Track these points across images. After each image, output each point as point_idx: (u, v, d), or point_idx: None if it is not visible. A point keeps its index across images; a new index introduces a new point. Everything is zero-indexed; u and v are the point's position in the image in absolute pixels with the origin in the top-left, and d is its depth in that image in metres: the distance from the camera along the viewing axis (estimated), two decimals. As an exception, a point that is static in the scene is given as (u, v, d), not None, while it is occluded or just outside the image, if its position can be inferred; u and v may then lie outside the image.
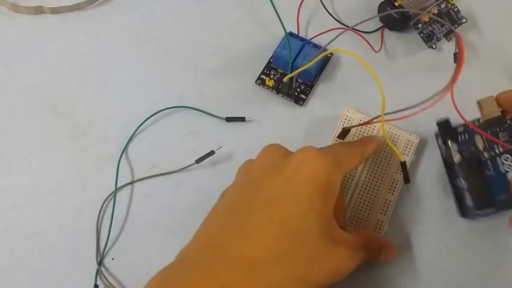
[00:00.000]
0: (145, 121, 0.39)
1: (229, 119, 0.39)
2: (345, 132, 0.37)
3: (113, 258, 0.36)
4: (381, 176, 0.36)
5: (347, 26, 0.43)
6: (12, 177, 0.38)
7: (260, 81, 0.41)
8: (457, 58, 0.40)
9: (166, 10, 0.44)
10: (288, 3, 0.43)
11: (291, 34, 0.41)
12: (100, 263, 0.35)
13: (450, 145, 0.36)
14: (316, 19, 0.44)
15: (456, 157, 0.36)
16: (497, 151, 0.35)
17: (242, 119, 0.39)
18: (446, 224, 0.36)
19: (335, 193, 0.29)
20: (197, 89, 0.41)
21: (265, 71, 0.41)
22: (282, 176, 0.29)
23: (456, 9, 0.41)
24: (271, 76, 0.41)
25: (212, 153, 0.37)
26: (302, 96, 0.40)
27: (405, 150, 0.37)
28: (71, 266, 0.35)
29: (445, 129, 0.37)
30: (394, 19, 0.42)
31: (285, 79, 0.38)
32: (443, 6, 0.40)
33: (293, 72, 0.37)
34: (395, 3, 0.41)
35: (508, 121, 0.35)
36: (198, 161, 0.37)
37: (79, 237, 0.36)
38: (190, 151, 0.38)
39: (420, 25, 0.41)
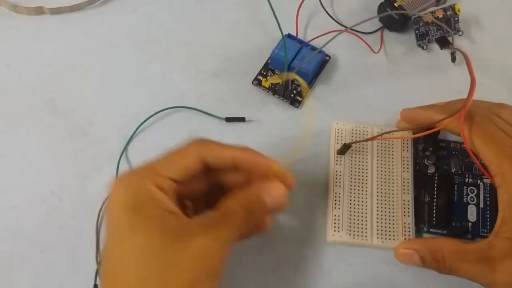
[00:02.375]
0: (145, 121, 0.39)
1: (229, 119, 0.39)
2: (346, 147, 0.36)
3: (113, 258, 0.36)
4: (391, 180, 0.36)
5: (346, 27, 0.43)
6: (13, 177, 0.38)
7: (257, 82, 0.41)
8: (455, 59, 0.41)
9: (166, 11, 0.44)
10: (287, 4, 0.43)
11: (289, 35, 0.41)
12: (99, 263, 0.35)
13: (429, 155, 0.37)
14: (316, 20, 0.44)
15: (431, 170, 0.36)
16: (466, 179, 0.36)
17: (242, 120, 0.39)
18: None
19: (155, 197, 0.27)
20: (197, 89, 0.41)
21: (262, 72, 0.41)
22: (107, 220, 0.28)
23: (456, 19, 0.41)
24: (268, 77, 0.41)
25: (212, 153, 0.37)
26: (298, 98, 0.40)
27: (404, 147, 0.37)
28: (71, 266, 0.35)
29: (432, 139, 0.37)
30: (394, 20, 0.42)
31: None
32: (448, 13, 0.41)
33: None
34: (395, 4, 0.41)
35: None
36: (198, 161, 0.37)
37: (79, 237, 0.36)
38: (190, 151, 0.38)
39: (421, 23, 0.41)
